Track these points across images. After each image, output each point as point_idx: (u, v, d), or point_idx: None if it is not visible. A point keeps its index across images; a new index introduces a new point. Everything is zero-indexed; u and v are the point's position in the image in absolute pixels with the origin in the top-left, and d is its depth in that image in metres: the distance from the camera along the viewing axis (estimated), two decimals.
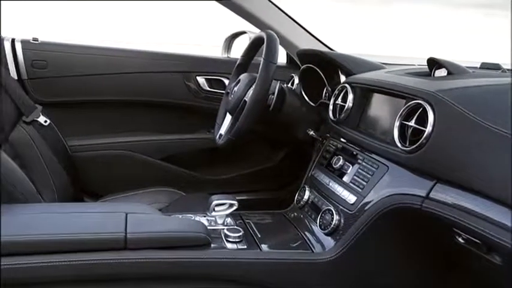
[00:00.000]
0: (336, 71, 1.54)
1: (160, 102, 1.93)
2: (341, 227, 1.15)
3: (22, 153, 1.51)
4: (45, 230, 1.02)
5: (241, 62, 1.65)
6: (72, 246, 1.00)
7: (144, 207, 1.20)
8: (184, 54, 1.98)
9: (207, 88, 1.95)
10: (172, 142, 1.94)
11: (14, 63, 1.71)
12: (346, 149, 1.31)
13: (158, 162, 1.90)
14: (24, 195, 1.20)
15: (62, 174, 1.64)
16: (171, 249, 1.04)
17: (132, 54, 1.90)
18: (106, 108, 1.89)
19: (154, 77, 1.89)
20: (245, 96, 1.44)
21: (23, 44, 1.74)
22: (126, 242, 1.01)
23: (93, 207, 1.26)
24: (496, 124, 0.87)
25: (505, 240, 0.80)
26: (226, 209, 1.20)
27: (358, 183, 1.16)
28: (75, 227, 1.04)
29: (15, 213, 1.10)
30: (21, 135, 1.54)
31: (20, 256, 0.96)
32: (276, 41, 1.39)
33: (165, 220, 1.14)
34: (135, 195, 1.75)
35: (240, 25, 1.99)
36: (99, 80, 1.83)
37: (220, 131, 1.56)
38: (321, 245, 1.16)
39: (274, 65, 1.35)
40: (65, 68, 1.79)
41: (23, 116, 1.58)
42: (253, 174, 2.05)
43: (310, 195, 1.34)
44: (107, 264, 1.00)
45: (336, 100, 1.39)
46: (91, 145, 1.83)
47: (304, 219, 1.31)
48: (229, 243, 1.13)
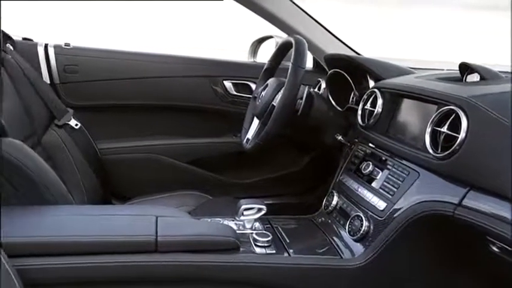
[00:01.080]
0: (364, 76, 1.53)
1: (188, 106, 1.95)
2: (370, 233, 1.14)
3: (54, 155, 1.54)
4: (76, 232, 1.03)
5: (269, 66, 1.66)
6: (103, 248, 1.01)
7: (174, 211, 1.21)
8: (212, 58, 2.00)
9: (233, 92, 1.96)
10: (199, 146, 1.96)
11: (46, 67, 1.76)
12: (375, 154, 1.30)
13: (185, 166, 1.92)
14: (55, 196, 1.22)
15: (91, 177, 1.67)
16: (201, 252, 1.05)
17: (161, 59, 1.93)
18: (135, 111, 1.92)
19: (182, 81, 1.92)
20: (273, 100, 1.44)
21: (55, 49, 1.78)
22: (156, 245, 1.02)
23: (123, 210, 1.28)
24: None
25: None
26: (255, 213, 1.20)
27: (388, 190, 1.15)
28: (106, 229, 1.05)
29: (47, 214, 1.12)
30: (53, 138, 1.57)
31: (52, 257, 0.98)
32: (305, 45, 1.39)
33: (195, 223, 1.15)
34: (162, 198, 1.77)
35: (264, 29, 2.00)
36: (129, 84, 1.86)
37: (248, 135, 1.56)
38: (350, 251, 1.15)
39: (303, 69, 1.35)
40: (95, 72, 1.83)
41: (55, 119, 1.62)
42: (279, 178, 2.06)
43: (338, 201, 1.33)
44: (138, 267, 1.02)
45: (365, 105, 1.38)
46: (120, 148, 1.87)
47: (332, 224, 1.30)
48: (258, 248, 1.13)
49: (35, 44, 1.78)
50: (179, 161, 1.92)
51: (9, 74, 1.48)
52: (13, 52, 1.58)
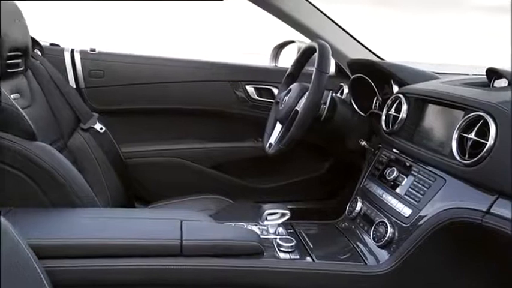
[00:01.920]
0: (387, 81, 1.52)
1: (210, 110, 1.96)
2: (395, 239, 1.13)
3: (79, 158, 1.57)
4: (103, 235, 1.05)
5: (292, 71, 1.66)
6: (129, 251, 1.02)
7: (198, 215, 1.22)
8: (234, 63, 2.01)
9: (255, 97, 1.97)
10: (221, 150, 1.97)
11: (72, 72, 1.79)
12: (399, 160, 1.29)
13: (207, 170, 1.93)
14: (82, 199, 1.24)
15: (115, 180, 1.69)
16: (225, 257, 1.05)
17: (184, 64, 1.95)
18: (158, 116, 1.95)
19: (205, 85, 1.93)
20: (296, 105, 1.44)
21: (81, 54, 1.82)
22: (181, 249, 1.03)
23: (148, 214, 1.29)
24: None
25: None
26: (278, 218, 1.20)
27: (414, 196, 1.14)
28: (132, 233, 1.07)
29: (74, 217, 1.15)
30: (78, 141, 1.60)
31: (80, 259, 1.00)
32: (329, 50, 1.39)
33: (219, 228, 1.16)
34: (183, 202, 1.78)
35: (284, 33, 2.01)
36: (152, 89, 1.89)
37: (270, 140, 1.57)
38: (375, 258, 1.14)
39: (327, 75, 1.35)
40: (119, 77, 1.86)
41: (80, 123, 1.65)
42: (300, 183, 2.05)
43: (362, 207, 1.32)
44: (163, 270, 1.02)
45: (389, 110, 1.37)
46: (143, 152, 1.89)
47: (356, 230, 1.29)
48: (282, 253, 1.13)
49: (61, 49, 1.82)
50: (201, 165, 1.93)
51: (38, 79, 1.51)
52: (41, 57, 1.62)
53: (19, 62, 1.38)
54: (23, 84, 1.43)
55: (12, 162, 1.15)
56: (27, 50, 1.42)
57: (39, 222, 1.07)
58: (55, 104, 1.54)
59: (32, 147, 1.16)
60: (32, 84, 1.47)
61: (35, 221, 1.07)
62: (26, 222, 1.02)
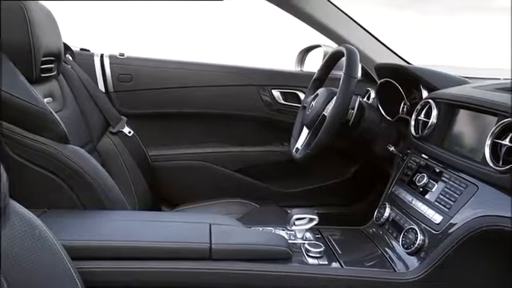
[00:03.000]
0: (416, 86, 1.50)
1: (236, 114, 1.97)
2: (425, 247, 1.11)
3: (108, 161, 1.59)
4: (133, 237, 1.06)
5: (318, 76, 1.66)
6: (159, 254, 1.03)
7: (226, 219, 1.23)
8: (260, 68, 2.02)
9: (281, 101, 1.97)
10: (247, 154, 1.98)
11: (102, 77, 1.82)
12: (429, 166, 1.27)
13: (233, 174, 1.95)
14: (112, 202, 1.26)
15: (142, 183, 1.72)
16: (254, 261, 1.05)
17: (211, 68, 1.96)
18: (185, 119, 1.97)
19: (231, 90, 1.95)
20: (324, 110, 1.44)
21: (110, 59, 1.85)
22: (210, 253, 1.03)
23: (177, 217, 1.31)
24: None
25: None
26: (307, 223, 1.20)
27: (445, 203, 1.12)
28: (162, 236, 1.08)
29: (105, 219, 1.17)
30: (107, 144, 1.63)
31: (111, 260, 1.01)
32: (357, 55, 1.39)
33: (248, 232, 1.16)
34: (209, 205, 1.79)
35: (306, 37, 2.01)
36: (179, 93, 1.91)
37: (297, 145, 1.56)
38: (404, 265, 1.13)
39: (355, 79, 1.35)
40: (147, 81, 1.89)
41: (109, 126, 1.68)
42: (325, 188, 2.05)
43: (390, 213, 1.31)
44: (192, 273, 1.03)
45: (419, 116, 1.35)
46: (170, 155, 1.91)
47: (384, 236, 1.28)
48: (310, 258, 1.12)
49: (91, 54, 1.86)
50: (227, 168, 1.94)
51: (69, 84, 1.54)
52: (72, 62, 1.66)
53: (52, 66, 1.41)
54: (55, 88, 1.46)
55: (46, 165, 1.18)
56: (60, 55, 1.45)
57: (71, 224, 1.09)
58: (85, 108, 1.57)
59: (65, 151, 1.19)
60: (63, 89, 1.50)
61: (68, 222, 1.09)
62: (60, 224, 1.04)
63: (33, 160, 1.18)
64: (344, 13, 1.82)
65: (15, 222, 0.81)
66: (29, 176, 1.18)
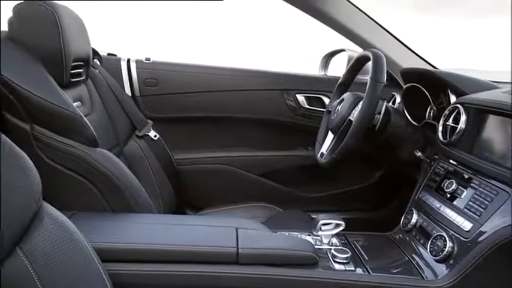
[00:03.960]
0: (443, 90, 1.48)
1: (261, 119, 1.98)
2: (454, 254, 1.09)
3: (134, 164, 1.61)
4: (161, 240, 1.07)
5: (344, 80, 1.65)
6: (187, 257, 1.04)
7: (252, 223, 1.23)
8: (285, 72, 2.02)
9: (306, 106, 1.97)
10: (271, 158, 1.99)
11: (128, 81, 1.85)
12: (458, 172, 1.25)
13: (256, 178, 1.95)
14: (139, 205, 1.28)
15: (167, 186, 1.73)
16: (280, 266, 1.05)
17: (236, 73, 1.98)
18: (209, 123, 1.98)
19: (256, 94, 1.95)
20: (350, 115, 1.43)
21: (137, 63, 1.88)
22: (237, 257, 1.04)
23: (204, 221, 1.31)
24: None
25: None
26: (333, 228, 1.20)
27: (475, 210, 1.10)
28: (189, 239, 1.08)
29: (133, 222, 1.18)
30: (134, 148, 1.65)
31: (139, 263, 1.02)
32: (383, 60, 1.38)
33: (274, 237, 1.16)
34: (233, 209, 1.80)
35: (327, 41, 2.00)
36: (204, 97, 1.93)
37: (322, 150, 1.56)
38: (432, 272, 1.11)
39: (382, 84, 1.34)
40: (173, 85, 1.91)
41: (136, 130, 1.70)
42: (349, 193, 2.03)
43: (418, 219, 1.29)
44: (219, 277, 1.03)
45: (447, 121, 1.33)
46: (194, 159, 1.92)
47: (411, 243, 1.26)
48: (337, 264, 1.12)
49: (118, 59, 1.89)
50: (251, 173, 1.95)
51: (97, 88, 1.57)
52: (100, 67, 1.69)
53: (81, 71, 1.44)
54: (84, 92, 1.49)
55: (76, 168, 1.20)
56: (89, 60, 1.48)
57: (100, 226, 1.10)
58: (112, 112, 1.59)
59: (94, 154, 1.21)
60: (91, 93, 1.53)
61: (97, 225, 1.11)
62: (89, 226, 1.05)
63: (63, 163, 1.20)
64: (369, 17, 1.81)
65: (48, 224, 0.83)
66: (59, 178, 1.21)
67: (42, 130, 1.19)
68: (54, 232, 0.83)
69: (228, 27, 3.42)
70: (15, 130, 1.19)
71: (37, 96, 1.16)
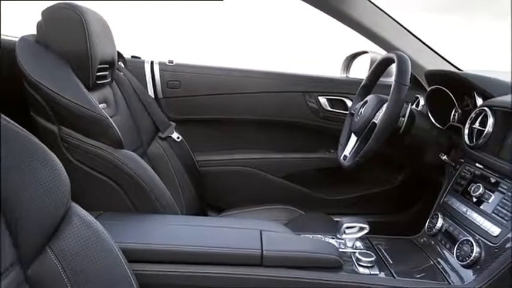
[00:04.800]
0: (468, 93, 1.46)
1: (283, 121, 1.98)
2: (482, 259, 1.08)
3: (157, 166, 1.63)
4: (186, 242, 1.08)
5: (367, 82, 1.64)
6: (211, 259, 1.05)
7: (275, 225, 1.23)
8: (307, 74, 2.02)
9: (328, 108, 1.96)
10: (293, 161, 1.98)
11: (152, 83, 1.87)
12: (484, 176, 1.23)
13: (278, 180, 1.95)
14: (164, 206, 1.29)
15: (190, 187, 1.75)
16: (305, 269, 1.05)
17: (257, 75, 1.98)
18: (231, 125, 1.99)
19: (278, 96, 1.95)
20: (374, 118, 1.42)
21: (160, 65, 1.90)
22: (262, 259, 1.04)
23: (227, 222, 1.31)
24: None
25: None
26: (357, 232, 1.19)
27: (503, 215, 1.08)
28: (214, 241, 1.09)
29: (158, 223, 1.19)
30: (156, 149, 1.67)
31: (164, 264, 1.03)
32: (408, 62, 1.36)
33: (298, 239, 1.16)
34: (255, 211, 1.80)
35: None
36: (226, 99, 1.93)
37: (345, 152, 1.55)
38: (459, 277, 1.10)
39: (407, 87, 1.32)
40: (195, 87, 1.92)
41: (159, 132, 1.71)
42: (371, 196, 2.02)
43: (443, 223, 1.28)
44: (243, 279, 1.04)
45: (473, 124, 1.31)
46: (216, 161, 1.93)
47: (436, 247, 1.25)
48: (361, 268, 1.11)
49: (142, 61, 1.91)
50: (272, 175, 1.95)
51: (121, 90, 1.59)
52: (124, 69, 1.71)
53: (106, 74, 1.46)
54: (109, 94, 1.51)
55: (102, 169, 1.22)
56: (114, 63, 1.50)
57: (126, 227, 1.12)
58: (136, 114, 1.61)
59: (120, 155, 1.22)
60: (116, 95, 1.55)
61: (123, 225, 1.12)
62: (115, 227, 1.06)
63: (89, 164, 1.22)
64: (392, 18, 1.79)
65: (77, 224, 0.84)
66: (85, 179, 1.22)
67: (70, 131, 1.21)
68: (83, 232, 0.85)
69: (246, 28, 3.43)
70: (44, 132, 1.21)
71: (65, 98, 1.18)
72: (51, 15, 1.28)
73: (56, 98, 1.17)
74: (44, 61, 1.24)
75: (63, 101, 1.18)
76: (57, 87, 1.18)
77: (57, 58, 1.26)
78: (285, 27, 3.42)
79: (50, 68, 1.23)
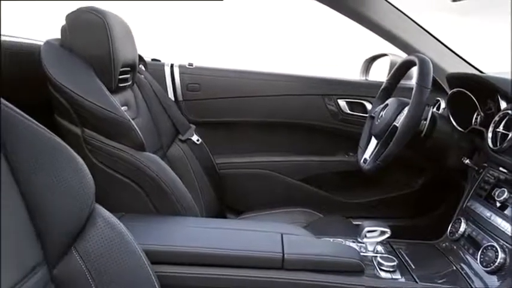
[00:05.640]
0: (491, 96, 1.44)
1: (302, 124, 1.97)
2: (507, 265, 1.06)
3: (177, 168, 1.63)
4: (208, 244, 1.08)
5: (387, 85, 1.62)
6: (232, 262, 1.05)
7: (296, 228, 1.23)
8: (326, 77, 2.01)
9: (347, 111, 1.95)
10: (311, 164, 1.98)
11: (172, 86, 1.89)
12: (509, 180, 1.21)
13: (297, 183, 1.95)
14: (185, 208, 1.30)
15: (209, 190, 1.75)
16: (326, 272, 1.04)
17: (277, 78, 1.98)
18: (250, 128, 1.99)
19: (297, 99, 1.95)
20: (395, 121, 1.41)
21: (180, 68, 1.91)
22: (283, 262, 1.03)
23: (248, 225, 1.31)
24: None
25: None
26: (378, 236, 1.18)
27: None
28: (235, 244, 1.09)
29: (180, 225, 1.20)
30: (176, 152, 1.68)
31: (186, 266, 1.04)
32: (430, 65, 1.35)
33: (319, 243, 1.15)
34: (273, 213, 1.80)
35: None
36: (245, 102, 1.94)
37: (365, 156, 1.54)
38: (483, 283, 1.08)
39: (429, 90, 1.31)
40: (215, 90, 1.93)
41: (179, 134, 1.73)
42: (390, 199, 2.00)
43: (466, 228, 1.26)
44: (264, 282, 1.03)
45: (497, 127, 1.29)
46: (235, 163, 1.94)
47: (459, 252, 1.23)
48: (383, 272, 1.10)
49: (162, 64, 1.92)
50: (291, 177, 1.95)
51: (142, 93, 1.61)
52: (145, 72, 1.72)
53: (128, 77, 1.48)
54: (130, 97, 1.52)
55: (124, 171, 1.23)
56: (135, 66, 1.51)
57: (148, 228, 1.13)
58: (157, 116, 1.63)
59: (142, 158, 1.24)
60: (137, 98, 1.57)
61: (145, 227, 1.13)
62: (137, 228, 1.07)
63: (112, 166, 1.24)
64: (412, 20, 1.78)
65: (101, 225, 0.85)
66: (107, 181, 1.24)
67: (93, 134, 1.23)
68: (107, 233, 0.86)
69: (261, 30, 3.43)
70: (68, 134, 1.23)
71: (88, 101, 1.19)
72: (75, 19, 1.30)
73: (79, 101, 1.19)
74: (68, 64, 1.26)
75: (86, 103, 1.19)
76: (81, 90, 1.20)
77: (80, 61, 1.28)
78: (302, 29, 3.41)
79: (74, 71, 1.25)
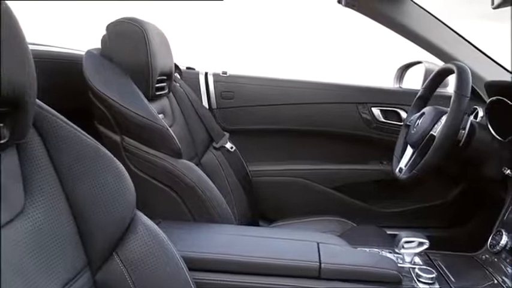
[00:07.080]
0: None
1: (336, 132, 1.97)
2: None
3: (211, 176, 1.65)
4: (245, 252, 1.09)
5: (423, 93, 1.60)
6: (269, 270, 1.05)
7: (332, 237, 1.22)
8: (360, 85, 2.00)
9: (381, 119, 1.94)
10: (345, 172, 1.97)
11: (206, 94, 1.91)
12: None
13: (330, 191, 1.94)
14: (221, 215, 1.31)
15: (242, 197, 1.76)
16: (363, 283, 1.03)
17: (310, 86, 1.98)
18: (284, 136, 2.00)
19: (331, 107, 1.95)
20: (432, 130, 1.39)
21: (214, 77, 1.94)
22: (320, 272, 1.03)
23: (285, 233, 1.31)
24: None
25: None
26: (416, 247, 1.16)
27: None
28: (271, 252, 1.09)
29: (216, 233, 1.21)
30: (210, 159, 1.69)
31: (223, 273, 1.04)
32: (468, 73, 1.33)
33: (356, 253, 1.15)
34: (306, 222, 1.79)
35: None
36: (279, 110, 1.94)
37: (400, 165, 1.52)
38: None
39: (467, 98, 1.29)
40: (248, 98, 1.95)
41: (213, 142, 1.74)
42: (425, 209, 1.97)
43: (508, 241, 1.22)
44: None
45: None
46: (268, 171, 1.95)
47: (501, 265, 1.20)
48: (422, 284, 1.08)
49: (196, 72, 1.95)
50: (324, 186, 1.94)
51: (178, 101, 1.63)
52: (180, 80, 1.75)
53: (164, 85, 1.51)
54: (166, 105, 1.55)
55: (162, 178, 1.26)
56: (172, 75, 1.54)
57: (185, 235, 1.14)
58: (192, 124, 1.65)
59: (179, 165, 1.26)
60: (173, 106, 1.59)
61: (181, 233, 1.15)
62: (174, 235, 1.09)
63: (150, 173, 1.26)
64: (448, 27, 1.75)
65: (142, 232, 0.87)
66: (146, 188, 1.26)
67: (132, 141, 1.26)
68: (147, 239, 0.87)
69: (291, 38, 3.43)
70: (107, 141, 1.27)
71: (127, 109, 1.22)
72: (116, 29, 1.34)
73: (119, 109, 1.22)
74: (108, 73, 1.29)
75: (125, 111, 1.22)
76: (120, 99, 1.23)
77: (120, 70, 1.31)
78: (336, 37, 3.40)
79: (114, 80, 1.28)
